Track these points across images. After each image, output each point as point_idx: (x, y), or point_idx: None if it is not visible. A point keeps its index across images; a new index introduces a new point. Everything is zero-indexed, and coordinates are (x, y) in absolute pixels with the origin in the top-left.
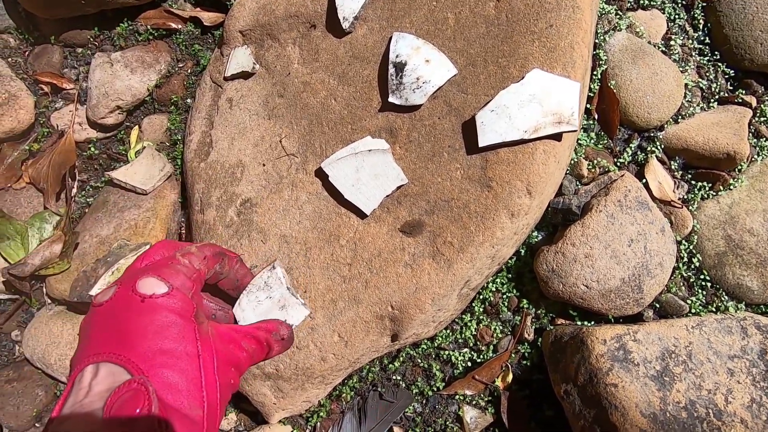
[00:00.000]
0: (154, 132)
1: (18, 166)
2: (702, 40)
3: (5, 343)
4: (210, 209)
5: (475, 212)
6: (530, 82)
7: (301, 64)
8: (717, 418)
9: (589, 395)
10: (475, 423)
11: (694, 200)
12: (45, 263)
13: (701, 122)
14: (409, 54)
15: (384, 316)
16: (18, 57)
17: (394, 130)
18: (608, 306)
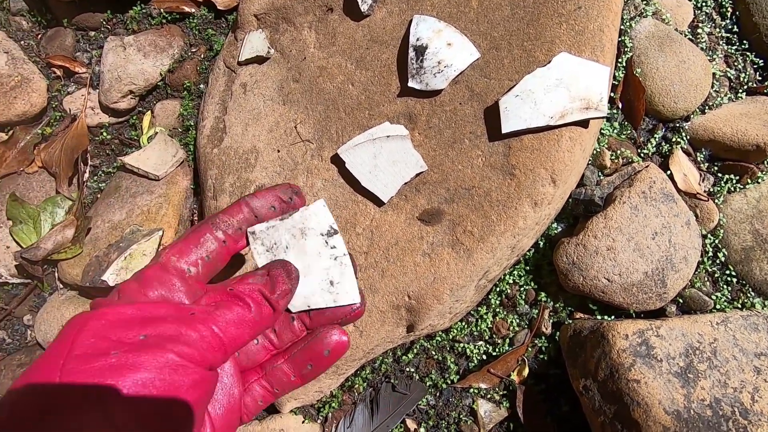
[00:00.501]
0: (166, 117)
1: (30, 150)
2: (730, 28)
3: (17, 327)
4: (223, 195)
5: (496, 201)
6: (557, 66)
7: (318, 49)
8: (743, 417)
9: (609, 391)
10: (490, 417)
11: (721, 193)
12: (57, 248)
13: (729, 113)
14: (430, 37)
15: (400, 306)
16: (30, 40)
17: (413, 116)
18: (630, 300)
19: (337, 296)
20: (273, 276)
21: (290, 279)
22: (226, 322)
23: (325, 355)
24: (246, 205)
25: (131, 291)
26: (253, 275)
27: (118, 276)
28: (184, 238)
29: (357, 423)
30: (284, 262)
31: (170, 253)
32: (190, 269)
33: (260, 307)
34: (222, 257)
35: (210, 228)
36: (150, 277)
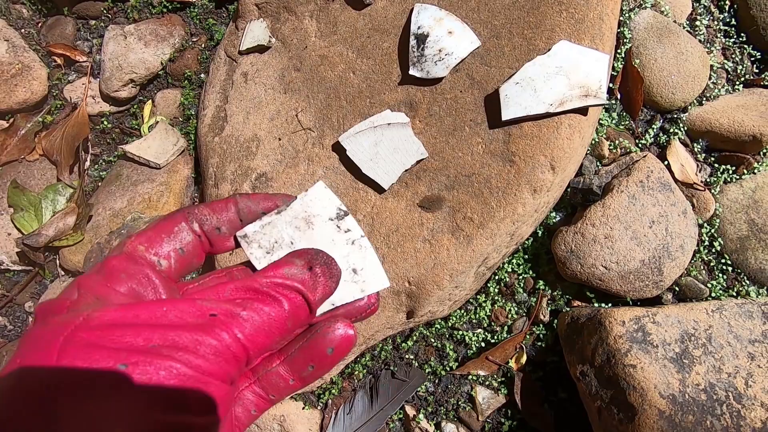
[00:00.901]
0: (167, 107)
1: (31, 138)
2: (728, 21)
3: (19, 314)
4: (224, 183)
5: (496, 187)
6: (557, 54)
7: (319, 38)
8: (737, 401)
9: (606, 376)
10: (488, 403)
11: (717, 183)
12: (59, 234)
13: (726, 104)
14: (431, 25)
15: (400, 291)
16: (31, 28)
17: (414, 104)
18: (627, 288)
19: (364, 284)
20: (315, 273)
21: (333, 279)
22: (254, 327)
23: (328, 353)
24: (234, 204)
25: (94, 285)
26: (290, 264)
27: None
28: (154, 225)
29: (357, 409)
30: (325, 254)
31: (136, 241)
32: (160, 262)
33: (296, 310)
34: (198, 254)
35: (185, 217)
36: (115, 268)
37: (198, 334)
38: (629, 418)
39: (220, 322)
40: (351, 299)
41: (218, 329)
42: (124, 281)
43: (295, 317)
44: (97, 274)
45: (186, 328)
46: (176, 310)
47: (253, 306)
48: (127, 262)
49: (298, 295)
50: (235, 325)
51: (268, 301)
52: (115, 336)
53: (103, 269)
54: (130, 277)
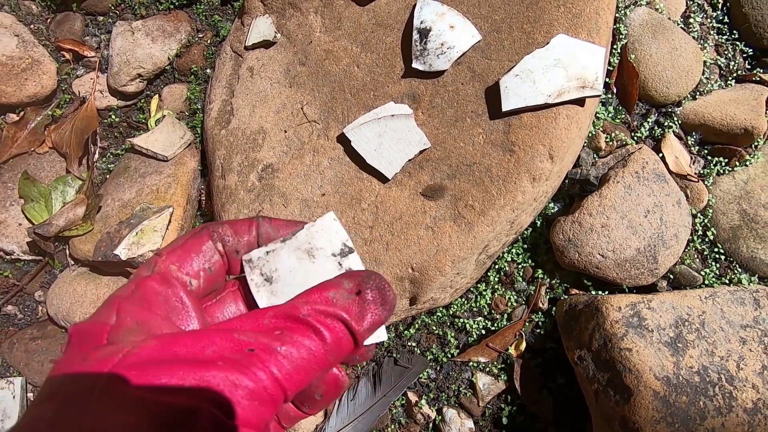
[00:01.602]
0: (173, 101)
1: (41, 131)
2: (721, 19)
3: (29, 303)
4: (231, 174)
5: (497, 176)
6: (555, 47)
7: (324, 33)
8: (729, 383)
9: (603, 360)
10: (488, 389)
11: (710, 175)
12: (69, 225)
13: (719, 99)
14: (433, 20)
15: (404, 277)
16: (40, 24)
17: (416, 96)
18: (623, 275)
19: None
20: (365, 299)
21: (386, 306)
22: (293, 364)
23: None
24: (255, 227)
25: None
26: (337, 286)
27: (130, 251)
28: (182, 244)
29: (360, 395)
30: (379, 277)
31: (168, 260)
32: (191, 282)
33: (339, 342)
34: (222, 273)
35: (210, 236)
36: (152, 290)
37: (234, 375)
38: (625, 400)
39: (257, 359)
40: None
41: (255, 368)
42: (162, 304)
43: (337, 351)
44: (134, 297)
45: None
46: (214, 345)
47: (293, 339)
48: (162, 284)
49: (341, 325)
50: (273, 363)
51: (308, 332)
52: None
53: (139, 291)
54: (167, 300)
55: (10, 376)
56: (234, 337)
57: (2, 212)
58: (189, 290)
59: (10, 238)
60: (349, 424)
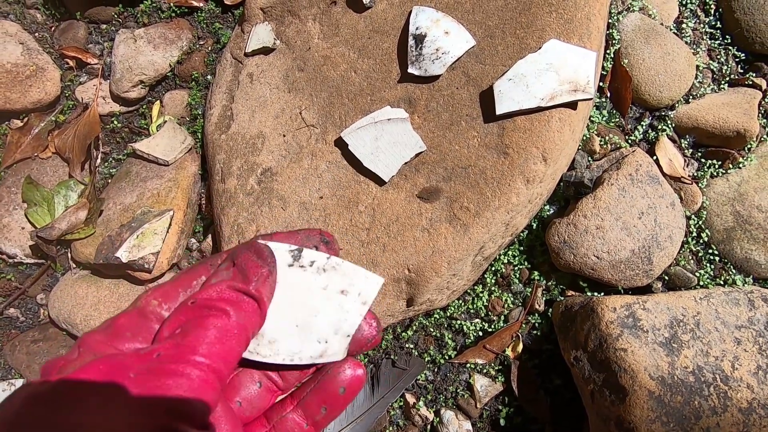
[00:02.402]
0: (175, 107)
1: (45, 136)
2: (713, 24)
3: (30, 306)
4: (231, 178)
5: (491, 178)
6: (547, 52)
7: (322, 39)
8: (723, 383)
9: (598, 360)
10: (486, 391)
11: (704, 177)
12: (71, 228)
13: (712, 102)
14: (428, 26)
15: (401, 279)
16: (45, 32)
17: (412, 101)
18: (618, 277)
19: (361, 296)
20: (240, 263)
21: (263, 259)
22: (208, 344)
23: (340, 393)
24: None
25: (95, 344)
26: (216, 273)
27: (131, 253)
28: (174, 279)
29: (358, 397)
30: (249, 243)
31: (151, 296)
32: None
33: (239, 306)
34: None
35: (208, 269)
36: (122, 325)
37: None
38: (620, 399)
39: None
40: (359, 317)
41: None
42: (128, 340)
43: (241, 314)
44: (103, 332)
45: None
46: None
47: (195, 325)
48: (137, 318)
49: (232, 292)
50: (186, 352)
51: (206, 314)
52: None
53: (111, 327)
54: (134, 335)
55: (12, 378)
56: (138, 353)
57: (6, 216)
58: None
59: (13, 242)
60: (348, 425)
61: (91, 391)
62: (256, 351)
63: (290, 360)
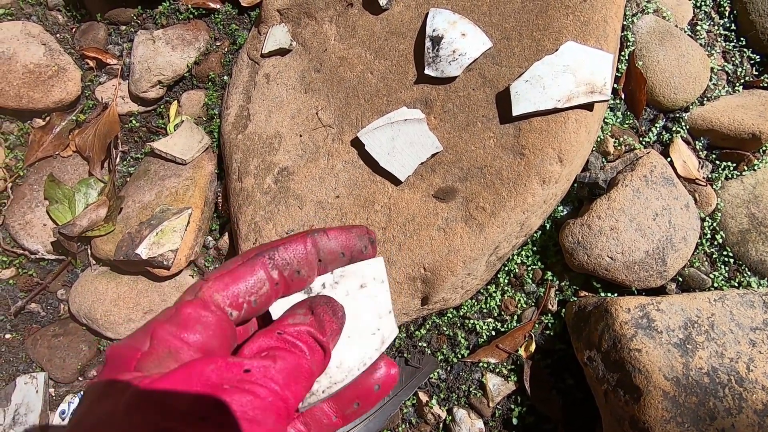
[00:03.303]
0: (192, 107)
1: (66, 136)
2: (728, 26)
3: (51, 301)
4: (248, 177)
5: (507, 179)
6: (564, 54)
7: (338, 41)
8: (739, 385)
9: (612, 360)
10: (498, 390)
11: (719, 179)
12: (91, 225)
13: (726, 104)
14: (445, 28)
15: (416, 277)
16: (66, 33)
17: (429, 102)
18: (632, 278)
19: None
20: (318, 314)
21: (337, 315)
22: (286, 377)
23: (375, 390)
24: (313, 244)
25: (167, 336)
26: (293, 315)
27: (150, 250)
28: (233, 270)
29: None
30: (323, 296)
31: (213, 288)
32: (232, 313)
33: (312, 352)
34: (267, 303)
35: (266, 264)
36: (189, 316)
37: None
38: (635, 400)
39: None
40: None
41: (256, 386)
42: (198, 332)
43: (314, 360)
44: (170, 322)
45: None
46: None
47: (279, 355)
48: (201, 310)
49: (309, 338)
50: (270, 378)
51: (290, 348)
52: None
53: (178, 316)
54: (205, 328)
55: (33, 371)
56: (229, 362)
57: (28, 213)
58: (228, 320)
59: (35, 238)
60: (361, 423)
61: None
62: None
63: (364, 365)
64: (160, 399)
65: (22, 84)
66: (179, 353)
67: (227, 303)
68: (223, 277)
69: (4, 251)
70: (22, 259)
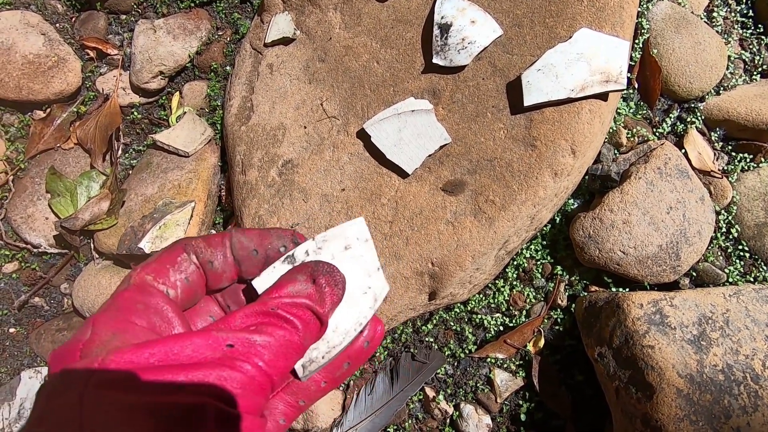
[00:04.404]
0: (194, 98)
1: (67, 127)
2: (745, 13)
3: (55, 295)
4: (252, 170)
5: (518, 171)
6: (578, 41)
7: (343, 29)
8: (754, 382)
9: (624, 357)
10: (506, 386)
11: (734, 171)
12: (94, 219)
13: (743, 94)
14: (454, 15)
15: (424, 272)
16: (65, 23)
17: (437, 92)
18: (644, 272)
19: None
20: (320, 284)
21: (338, 286)
22: (273, 354)
23: (364, 347)
24: (228, 239)
25: (110, 321)
26: (293, 281)
27: (153, 244)
28: (157, 257)
29: (378, 390)
30: (325, 263)
31: (143, 272)
32: (168, 291)
33: (308, 326)
34: (200, 285)
35: (183, 248)
36: (128, 300)
37: (222, 370)
38: (647, 397)
39: (239, 353)
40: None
41: (239, 361)
42: (142, 313)
43: (308, 334)
44: (109, 310)
45: (208, 365)
46: (192, 344)
47: (268, 331)
48: (140, 293)
49: (307, 311)
50: (254, 354)
51: (281, 323)
52: (135, 383)
53: (116, 303)
54: (147, 308)
55: (38, 365)
56: (213, 334)
57: (30, 206)
58: (168, 299)
59: (37, 232)
60: (367, 418)
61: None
62: (331, 347)
63: (360, 325)
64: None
65: (22, 75)
66: (125, 334)
67: (160, 282)
68: (150, 263)
69: (6, 245)
70: (25, 252)
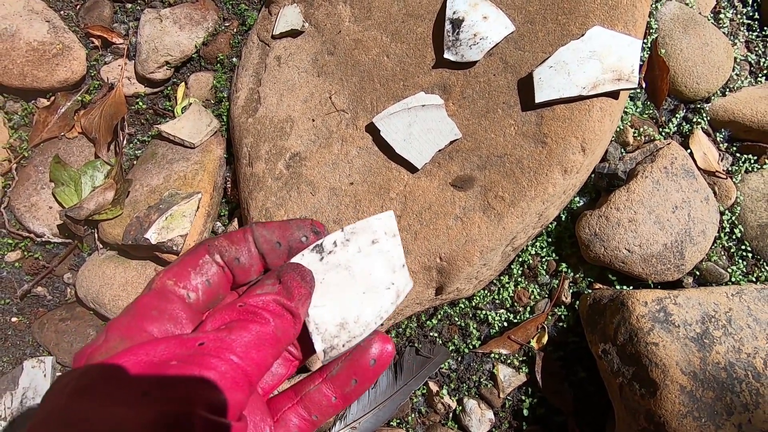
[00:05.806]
0: (200, 89)
1: (71, 116)
2: (751, 15)
3: (58, 285)
4: (259, 162)
5: (528, 168)
6: (591, 39)
7: (353, 22)
8: (756, 380)
9: (628, 354)
10: (509, 381)
11: (739, 172)
12: (99, 208)
13: (749, 95)
14: (466, 10)
15: (432, 267)
16: (70, 10)
17: (447, 87)
18: (649, 271)
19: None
20: (286, 282)
21: (305, 281)
22: (245, 347)
23: (371, 365)
24: (250, 234)
25: (122, 327)
26: (261, 285)
27: (159, 235)
28: (179, 261)
29: (381, 384)
30: (292, 263)
31: (165, 277)
32: (189, 295)
33: (280, 319)
34: (223, 285)
35: (207, 249)
36: (145, 306)
37: (193, 369)
38: (651, 393)
39: (209, 349)
40: (400, 247)
41: (210, 357)
42: (156, 319)
43: (281, 325)
44: (125, 315)
45: (179, 366)
46: (166, 347)
47: (238, 326)
48: (158, 299)
49: (276, 305)
50: (225, 348)
51: (251, 317)
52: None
53: (134, 309)
54: (161, 314)
55: (41, 355)
56: (182, 338)
57: (34, 195)
58: (187, 303)
59: (41, 221)
60: (371, 411)
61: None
62: (352, 337)
63: (380, 318)
64: (101, 380)
65: (26, 62)
66: (133, 339)
67: (181, 286)
68: (172, 267)
69: (9, 233)
70: (28, 241)
